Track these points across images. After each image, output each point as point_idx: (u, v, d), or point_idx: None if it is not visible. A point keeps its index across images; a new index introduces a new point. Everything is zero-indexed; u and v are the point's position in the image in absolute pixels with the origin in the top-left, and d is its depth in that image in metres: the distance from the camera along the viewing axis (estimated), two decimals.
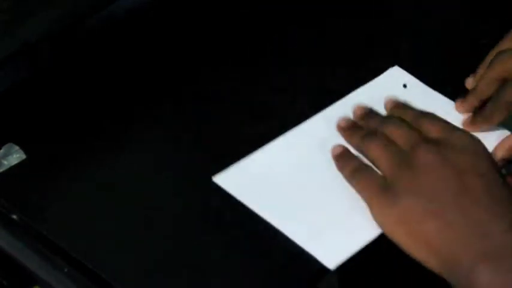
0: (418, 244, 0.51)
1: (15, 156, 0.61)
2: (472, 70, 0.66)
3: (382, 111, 0.62)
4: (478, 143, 0.55)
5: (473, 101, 0.63)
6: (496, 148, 0.60)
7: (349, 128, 0.60)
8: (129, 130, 0.65)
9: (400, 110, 0.60)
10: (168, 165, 0.62)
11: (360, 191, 0.55)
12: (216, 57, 0.72)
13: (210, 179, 0.60)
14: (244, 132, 0.64)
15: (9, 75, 0.67)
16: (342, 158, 0.59)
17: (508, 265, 0.47)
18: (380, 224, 0.53)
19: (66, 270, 0.54)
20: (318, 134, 0.62)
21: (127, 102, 0.67)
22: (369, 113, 0.61)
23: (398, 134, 0.56)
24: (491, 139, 0.60)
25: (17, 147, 0.62)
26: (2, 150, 0.61)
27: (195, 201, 0.59)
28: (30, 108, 0.66)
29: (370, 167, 0.56)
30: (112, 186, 0.60)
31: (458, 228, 0.50)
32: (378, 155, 0.56)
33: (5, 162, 0.61)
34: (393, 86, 0.67)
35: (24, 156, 0.62)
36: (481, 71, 0.65)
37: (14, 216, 0.57)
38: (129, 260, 0.55)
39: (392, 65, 0.69)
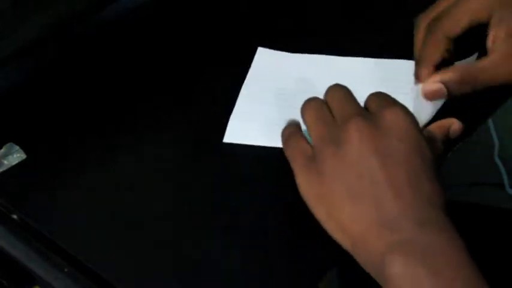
0: (334, 225, 0.51)
1: (15, 156, 0.61)
2: None
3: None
4: (410, 123, 0.52)
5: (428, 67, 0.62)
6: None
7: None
8: (130, 130, 0.65)
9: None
10: (169, 165, 0.62)
11: (288, 157, 0.54)
12: (218, 57, 0.72)
13: (210, 180, 0.60)
14: None
15: (9, 75, 0.67)
16: (286, 126, 0.57)
17: (417, 259, 0.47)
18: (303, 195, 0.53)
19: (66, 270, 0.54)
20: None
21: (127, 102, 0.67)
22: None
23: (336, 102, 0.55)
24: None
25: (17, 147, 0.62)
26: (2, 150, 0.62)
27: (195, 201, 0.59)
28: (30, 108, 0.66)
29: (303, 135, 0.55)
30: (112, 186, 0.60)
31: (370, 218, 0.49)
32: (310, 123, 0.55)
33: (5, 162, 0.61)
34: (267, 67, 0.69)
35: (24, 156, 0.62)
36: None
37: (14, 216, 0.57)
38: (129, 260, 0.55)
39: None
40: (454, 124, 0.57)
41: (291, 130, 0.56)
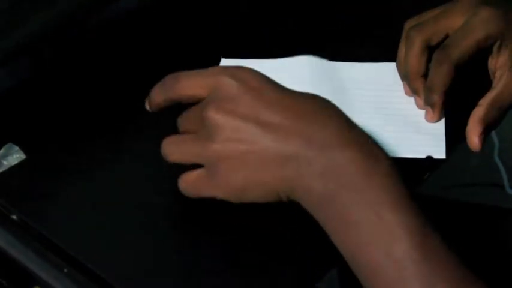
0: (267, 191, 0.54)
1: (15, 156, 0.61)
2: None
3: None
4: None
5: (419, 85, 0.64)
6: None
7: None
8: (129, 130, 0.65)
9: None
10: (169, 165, 0.62)
11: (197, 194, 0.56)
12: (218, 57, 0.72)
13: None
14: None
15: (9, 75, 0.67)
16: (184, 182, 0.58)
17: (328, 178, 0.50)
18: (223, 196, 0.55)
19: (66, 270, 0.54)
20: None
21: (127, 102, 0.67)
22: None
23: (184, 122, 0.57)
24: None
25: (16, 148, 0.62)
26: (1, 151, 0.62)
27: (195, 201, 0.59)
28: (30, 108, 0.66)
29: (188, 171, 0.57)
30: (112, 186, 0.60)
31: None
32: (179, 155, 0.56)
33: (5, 163, 0.61)
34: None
35: (24, 157, 0.62)
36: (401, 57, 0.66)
37: (14, 216, 0.57)
38: (129, 260, 0.55)
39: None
40: None
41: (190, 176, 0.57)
